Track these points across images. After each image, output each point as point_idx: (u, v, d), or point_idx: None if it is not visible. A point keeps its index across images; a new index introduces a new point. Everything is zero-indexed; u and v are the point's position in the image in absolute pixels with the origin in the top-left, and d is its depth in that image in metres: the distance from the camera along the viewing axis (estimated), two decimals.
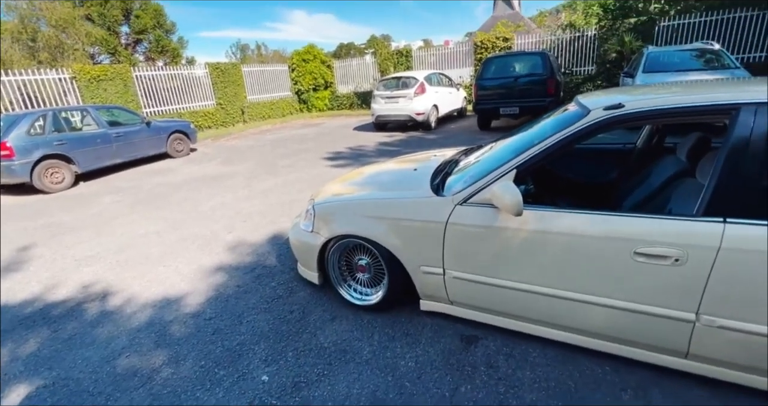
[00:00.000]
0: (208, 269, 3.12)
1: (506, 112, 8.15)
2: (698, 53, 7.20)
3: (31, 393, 1.93)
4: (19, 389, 1.97)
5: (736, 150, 1.46)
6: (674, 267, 1.49)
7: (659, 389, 1.64)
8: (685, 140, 2.23)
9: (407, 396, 1.72)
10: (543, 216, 1.75)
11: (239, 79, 13.24)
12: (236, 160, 7.64)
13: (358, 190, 2.64)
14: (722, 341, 1.50)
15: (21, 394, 1.94)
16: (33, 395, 1.92)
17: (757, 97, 1.50)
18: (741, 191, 1.45)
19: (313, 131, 10.86)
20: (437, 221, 1.97)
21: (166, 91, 11.57)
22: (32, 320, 2.59)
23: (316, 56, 15.33)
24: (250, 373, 1.96)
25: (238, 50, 44.18)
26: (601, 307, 1.68)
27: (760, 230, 1.38)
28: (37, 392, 1.94)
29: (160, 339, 2.29)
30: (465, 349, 1.99)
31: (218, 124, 12.63)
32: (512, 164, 1.84)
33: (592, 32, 11.65)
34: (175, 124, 8.49)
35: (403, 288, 2.24)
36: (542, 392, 1.68)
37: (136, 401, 1.83)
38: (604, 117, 1.71)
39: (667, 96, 1.81)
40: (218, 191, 5.40)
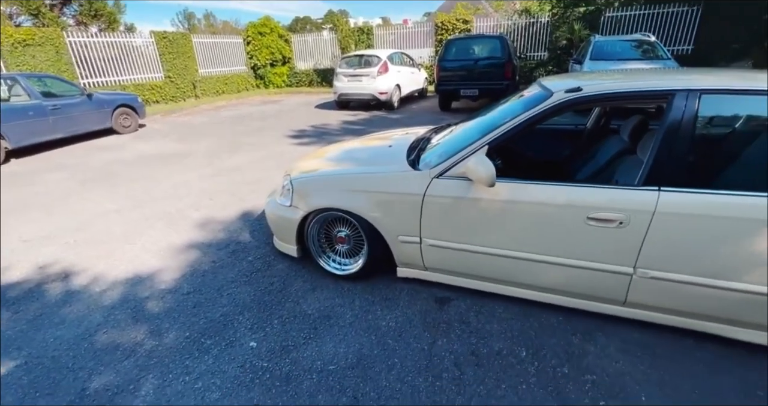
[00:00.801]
0: (178, 246, 3.06)
1: (466, 93, 8.40)
2: (637, 44, 7.84)
3: (3, 373, 1.87)
4: None
5: (669, 130, 1.72)
6: (618, 229, 1.76)
7: (602, 332, 1.95)
8: (627, 122, 2.54)
9: (390, 351, 1.90)
10: (512, 187, 1.95)
11: (189, 50, 12.32)
12: (193, 137, 7.26)
13: (334, 165, 2.71)
14: (653, 290, 1.81)
15: None
16: (6, 374, 1.86)
17: (689, 85, 1.76)
18: (673, 165, 1.72)
19: (273, 108, 10.50)
20: (415, 193, 2.12)
21: (106, 60, 10.51)
22: None
23: (273, 29, 14.58)
24: (237, 340, 2.03)
25: (184, 19, 40.62)
26: (557, 266, 1.94)
27: (687, 196, 1.67)
28: (9, 372, 1.88)
29: (138, 315, 2.27)
30: (439, 309, 2.19)
31: (168, 98, 11.76)
32: (485, 140, 2.01)
33: (545, 19, 12.15)
34: (120, 98, 7.83)
35: (382, 257, 2.38)
36: (508, 341, 1.93)
37: (122, 373, 1.85)
38: (566, 99, 1.92)
39: (617, 82, 2.06)
40: (178, 169, 5.16)
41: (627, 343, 1.87)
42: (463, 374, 1.73)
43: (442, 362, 1.81)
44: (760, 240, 1.57)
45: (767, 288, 1.60)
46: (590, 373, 1.71)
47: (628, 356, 1.79)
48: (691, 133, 1.71)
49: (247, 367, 1.84)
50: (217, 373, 1.81)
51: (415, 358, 1.84)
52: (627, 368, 1.72)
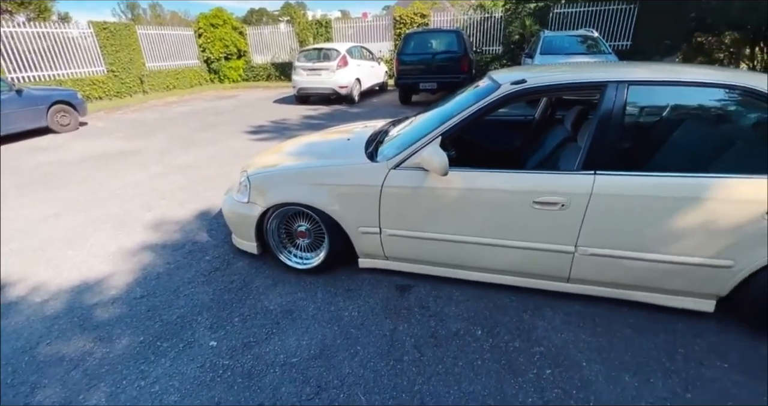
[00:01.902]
0: (129, 249, 2.91)
1: (425, 87, 8.53)
2: (582, 39, 8.32)
3: None
4: None
5: (602, 119, 1.87)
6: (560, 211, 1.89)
7: (550, 307, 2.10)
8: (570, 112, 2.71)
9: (353, 340, 1.94)
10: (465, 176, 2.04)
11: (134, 42, 11.54)
12: (141, 134, 6.85)
13: (293, 160, 2.68)
14: (592, 266, 1.97)
15: None
16: None
17: (618, 77, 1.92)
18: (606, 150, 1.87)
19: (228, 104, 10.10)
20: (373, 184, 2.15)
21: (38, 53, 9.62)
22: None
23: (226, 21, 13.97)
24: (196, 341, 1.98)
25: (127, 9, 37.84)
26: (508, 248, 2.06)
27: (617, 179, 1.82)
28: None
29: (85, 323, 2.15)
30: (400, 296, 2.26)
31: (112, 94, 10.98)
32: (438, 132, 2.08)
33: (499, 14, 12.55)
34: (56, 94, 7.21)
35: (343, 249, 2.41)
36: (465, 321, 2.02)
37: (70, 384, 1.75)
38: (511, 90, 2.02)
39: (557, 74, 2.20)
40: (126, 169, 4.87)
41: (571, 315, 2.02)
42: (423, 356, 1.81)
43: (403, 346, 1.87)
44: (681, 216, 1.75)
45: (688, 258, 1.80)
46: (539, 345, 1.84)
47: (571, 327, 1.95)
48: (621, 121, 1.87)
49: (207, 366, 1.81)
50: (176, 375, 1.77)
51: (377, 344, 1.89)
52: (570, 338, 1.87)
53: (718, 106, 2.00)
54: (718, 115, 2.04)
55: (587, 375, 1.67)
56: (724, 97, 1.94)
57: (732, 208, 1.70)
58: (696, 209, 1.74)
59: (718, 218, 1.73)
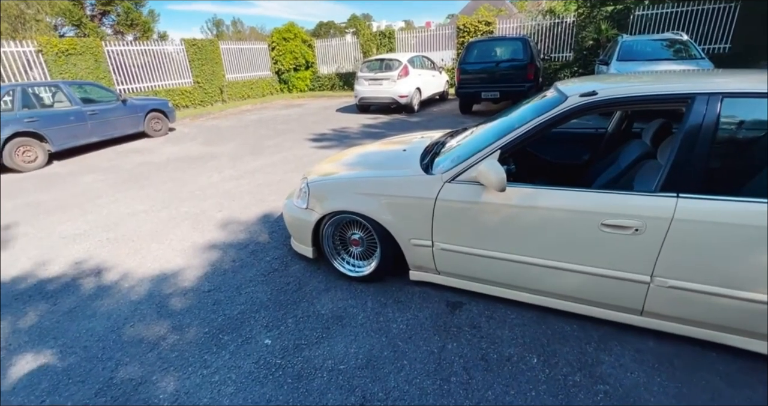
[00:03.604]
0: (201, 245, 3.20)
1: (487, 96, 8.32)
2: (668, 43, 7.53)
3: (40, 360, 2.02)
4: (27, 356, 2.05)
5: (689, 135, 1.67)
6: (634, 236, 1.72)
7: (617, 341, 1.90)
8: (650, 126, 2.47)
9: (400, 353, 1.92)
10: (524, 192, 1.94)
11: (217, 56, 12.79)
12: (218, 140, 7.54)
13: (349, 169, 2.76)
14: (671, 299, 1.75)
15: (30, 361, 2.02)
16: (43, 362, 2.01)
17: (709, 88, 1.70)
18: (691, 171, 1.67)
19: (295, 112, 10.74)
20: (428, 197, 2.14)
21: (140, 67, 11.08)
22: (28, 295, 2.63)
23: (297, 35, 14.93)
24: (253, 338, 2.10)
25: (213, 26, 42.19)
26: (571, 272, 1.91)
27: (705, 203, 1.61)
28: (46, 359, 2.02)
29: (161, 310, 2.39)
30: (451, 313, 2.20)
31: (196, 103, 12.25)
32: (497, 145, 2.01)
33: (571, 19, 11.86)
34: (152, 103, 8.22)
35: (394, 260, 2.41)
36: (519, 347, 1.91)
37: (147, 364, 1.95)
38: (580, 103, 1.89)
39: (634, 85, 2.01)
40: (203, 171, 5.38)
41: (643, 353, 1.82)
42: (471, 379, 1.74)
43: (452, 366, 1.82)
44: None
45: None
46: (603, 383, 1.68)
47: (643, 366, 1.75)
48: (711, 138, 1.65)
49: (261, 363, 1.91)
50: (233, 368, 1.89)
51: (425, 361, 1.86)
52: (642, 380, 1.68)
53: None
54: None
55: None
56: None
57: None
58: None
59: None
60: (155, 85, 11.39)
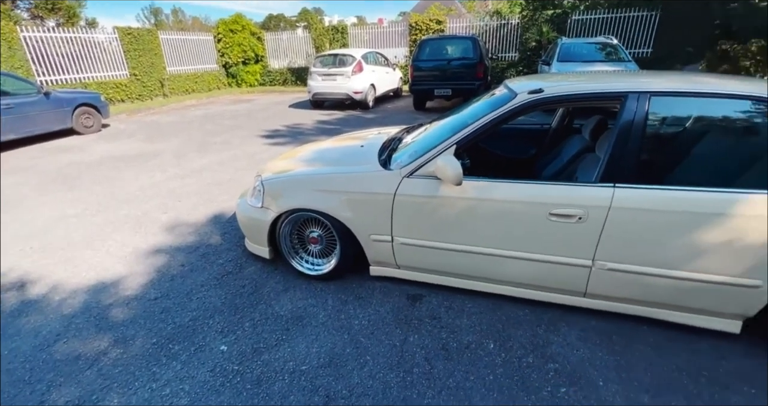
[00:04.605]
0: (145, 250, 2.97)
1: (440, 93, 8.52)
2: (601, 46, 8.19)
3: None
4: None
5: (623, 130, 1.82)
6: (578, 224, 1.85)
7: (565, 322, 2.04)
8: (588, 122, 2.66)
9: (363, 349, 1.92)
10: (479, 186, 2.01)
11: (156, 47, 11.87)
12: (160, 137, 7.02)
13: (306, 166, 2.69)
14: (610, 281, 1.91)
15: None
16: None
17: (639, 87, 1.87)
18: (626, 163, 1.82)
19: (244, 107, 10.28)
20: (386, 192, 2.14)
21: (65, 57, 9.98)
22: None
23: (245, 27, 14.26)
24: (207, 345, 1.99)
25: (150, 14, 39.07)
26: (523, 260, 2.01)
27: (638, 192, 1.77)
28: None
29: (101, 323, 2.18)
30: (411, 306, 2.23)
31: (134, 97, 11.30)
32: (453, 141, 2.06)
33: (516, 21, 12.47)
34: (81, 96, 7.45)
35: (354, 256, 2.40)
36: (477, 334, 1.98)
37: (85, 383, 1.78)
38: (528, 100, 1.99)
39: (576, 84, 2.15)
40: (144, 170, 4.98)
41: (587, 331, 1.96)
42: (433, 369, 1.78)
43: (414, 358, 1.84)
44: (706, 232, 1.69)
45: (713, 276, 1.73)
46: (553, 361, 1.79)
47: (588, 344, 1.89)
48: (642, 133, 1.81)
49: (217, 371, 1.82)
50: (186, 378, 1.78)
51: (387, 355, 1.87)
52: (587, 355, 1.82)
53: (744, 118, 1.92)
54: (744, 128, 1.97)
55: (604, 395, 1.61)
56: (752, 109, 1.87)
57: (760, 225, 1.63)
58: (721, 226, 1.68)
59: (745, 236, 1.66)
60: (85, 77, 10.34)
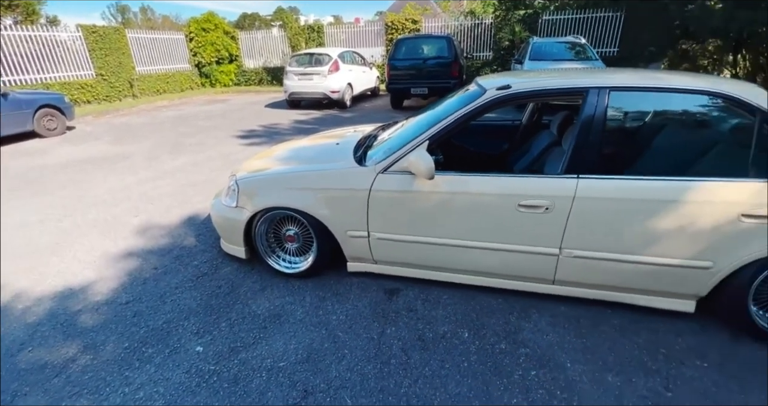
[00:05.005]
0: (115, 254, 2.88)
1: (416, 92, 8.60)
2: (570, 46, 8.47)
3: None
4: None
5: (585, 123, 1.91)
6: (544, 214, 1.92)
7: (536, 309, 2.12)
8: (556, 117, 2.76)
9: (341, 343, 1.93)
10: (451, 180, 2.06)
11: (124, 46, 11.45)
12: (130, 139, 6.79)
13: (281, 164, 2.68)
14: (576, 268, 2.00)
15: None
16: None
17: (599, 83, 1.96)
18: (588, 155, 1.91)
19: (219, 108, 10.07)
20: (362, 188, 2.17)
21: (23, 56, 9.49)
22: None
23: (218, 26, 13.95)
24: (182, 346, 1.96)
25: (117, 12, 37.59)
26: (495, 251, 2.08)
27: (600, 182, 1.86)
28: None
29: (69, 330, 2.11)
30: (389, 299, 2.26)
31: (101, 98, 10.86)
32: (425, 136, 2.11)
33: (489, 21, 12.72)
34: (43, 97, 7.11)
35: (332, 253, 2.41)
36: (452, 324, 2.04)
37: (52, 392, 1.72)
38: (497, 96, 2.06)
39: (541, 80, 2.24)
40: (113, 173, 4.81)
41: (556, 317, 2.05)
42: (410, 359, 1.81)
43: (391, 349, 1.88)
44: (662, 218, 1.79)
45: (669, 259, 1.84)
46: (524, 346, 1.86)
47: (557, 328, 1.97)
48: (603, 126, 1.91)
49: (192, 372, 1.79)
50: (161, 381, 1.75)
51: (365, 348, 1.90)
52: (556, 340, 1.90)
53: (697, 112, 2.05)
54: (697, 121, 2.10)
55: (571, 376, 1.69)
56: (704, 103, 2.00)
57: (710, 210, 1.75)
58: (676, 212, 1.79)
59: (697, 220, 1.77)
60: (47, 78, 9.86)
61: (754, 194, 1.70)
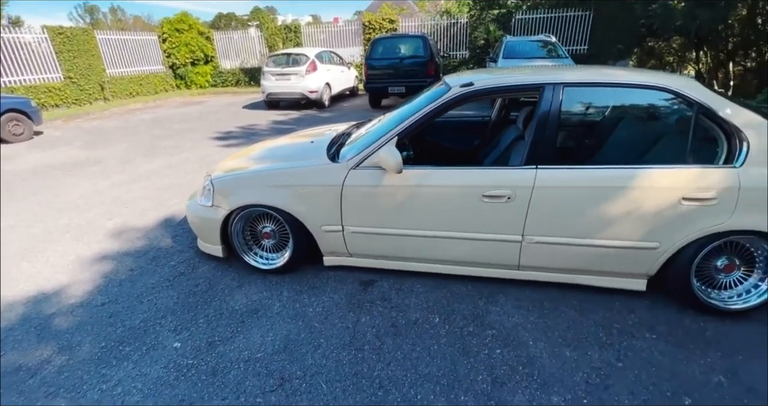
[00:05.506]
0: (89, 258, 2.86)
1: (394, 90, 8.71)
2: (542, 44, 8.73)
3: None
4: None
5: (541, 117, 2.04)
6: (507, 203, 2.04)
7: (503, 294, 2.24)
8: (521, 113, 2.90)
9: (316, 333, 2.00)
10: (419, 173, 2.16)
11: (93, 48, 11.12)
12: (102, 143, 6.64)
13: (257, 163, 2.72)
14: (538, 253, 2.13)
15: None
16: None
17: (554, 79, 2.09)
18: (545, 147, 2.04)
19: (195, 110, 9.92)
20: (335, 184, 2.24)
21: None
22: None
23: (192, 26, 13.70)
24: (160, 343, 1.99)
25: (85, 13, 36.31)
26: (462, 240, 2.19)
27: (556, 172, 1.99)
28: None
29: (43, 333, 2.11)
30: (364, 291, 2.34)
31: (70, 102, 10.52)
32: (394, 132, 2.20)
33: (465, 20, 12.95)
34: (7, 102, 6.86)
35: (308, 248, 2.47)
36: (424, 311, 2.13)
37: (27, 392, 1.73)
38: (461, 93, 2.17)
39: (501, 77, 2.36)
40: (85, 178, 4.72)
41: (521, 300, 2.17)
42: (383, 344, 1.90)
43: (365, 337, 1.96)
44: (612, 204, 1.93)
45: (621, 241, 1.98)
46: (491, 328, 1.97)
47: (521, 311, 2.10)
48: (557, 119, 2.04)
49: (170, 366, 1.83)
50: (138, 377, 1.78)
51: (340, 336, 1.97)
52: (520, 321, 2.02)
53: (642, 105, 2.22)
54: (643, 113, 2.26)
55: (533, 352, 1.81)
56: (647, 96, 2.16)
57: (655, 195, 1.90)
58: (625, 198, 1.93)
59: (644, 205, 1.92)
60: (11, 81, 9.50)
61: (692, 179, 1.86)
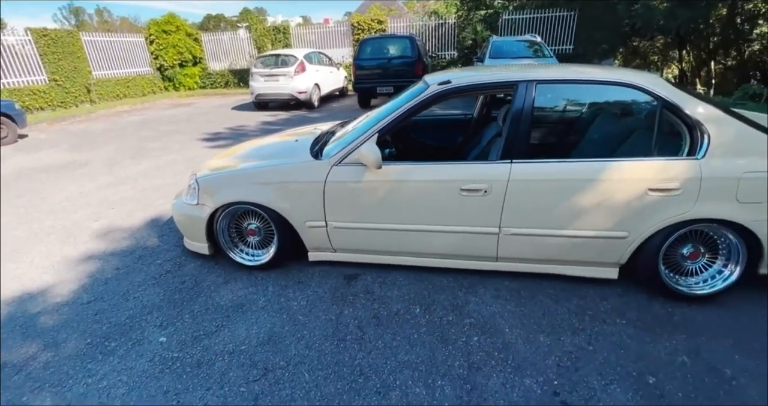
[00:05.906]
0: (75, 258, 2.87)
1: (382, 90, 8.78)
2: (528, 44, 8.88)
3: None
4: None
5: (515, 113, 2.12)
6: (484, 197, 2.11)
7: (482, 285, 2.31)
8: (501, 110, 2.98)
9: (300, 325, 2.05)
10: (399, 169, 2.22)
11: (79, 50, 11.01)
12: (88, 145, 6.60)
13: (242, 162, 2.76)
14: (514, 244, 2.20)
15: None
16: None
17: (527, 77, 2.17)
18: (519, 141, 2.11)
19: (184, 112, 9.88)
20: (317, 180, 2.29)
21: None
22: None
23: (179, 27, 13.62)
24: (145, 338, 2.02)
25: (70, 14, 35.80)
26: (442, 233, 2.25)
27: (529, 166, 2.07)
28: None
29: (28, 331, 2.12)
30: (348, 284, 2.40)
31: (55, 104, 10.40)
32: (375, 129, 2.26)
33: (453, 20, 13.07)
34: None
35: (293, 244, 2.52)
36: (406, 302, 2.20)
37: (12, 388, 1.75)
38: (438, 90, 2.24)
39: (478, 75, 2.44)
40: (71, 180, 4.70)
41: (500, 290, 2.25)
42: (365, 335, 1.95)
43: (347, 328, 2.01)
44: (583, 195, 2.01)
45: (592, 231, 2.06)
46: (469, 317, 2.04)
47: (499, 300, 2.17)
48: (531, 115, 2.12)
49: (156, 360, 1.86)
50: (124, 370, 1.81)
51: (323, 327, 2.02)
52: (498, 310, 2.09)
53: (610, 100, 2.30)
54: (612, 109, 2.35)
55: (508, 339, 1.88)
56: (615, 92, 2.25)
57: (624, 187, 1.98)
58: (596, 190, 2.01)
59: (614, 196, 2.00)
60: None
61: (658, 171, 1.95)
